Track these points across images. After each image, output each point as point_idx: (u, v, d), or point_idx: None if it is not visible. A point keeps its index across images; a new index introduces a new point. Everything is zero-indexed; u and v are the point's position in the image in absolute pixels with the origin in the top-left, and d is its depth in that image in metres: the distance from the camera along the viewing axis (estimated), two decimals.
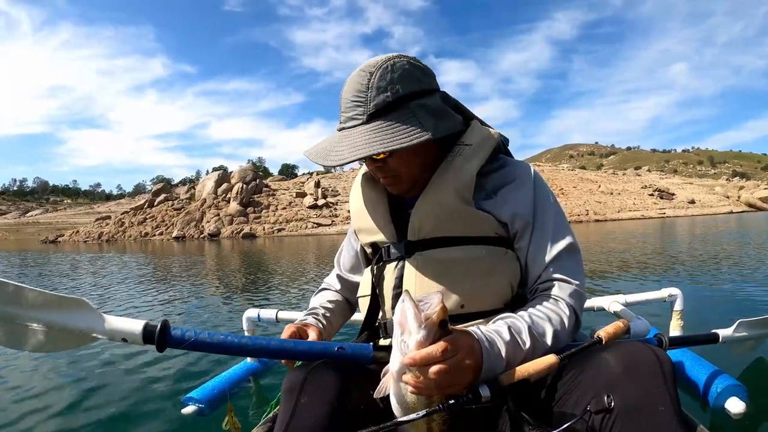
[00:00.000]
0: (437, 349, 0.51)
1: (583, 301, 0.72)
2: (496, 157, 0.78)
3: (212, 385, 1.36)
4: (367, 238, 0.83)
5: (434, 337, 0.53)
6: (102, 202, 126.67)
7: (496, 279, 0.71)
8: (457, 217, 0.71)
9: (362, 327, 0.85)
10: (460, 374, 0.54)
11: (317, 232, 26.99)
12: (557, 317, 0.66)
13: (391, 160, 0.71)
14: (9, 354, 2.21)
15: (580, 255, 0.74)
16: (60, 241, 31.16)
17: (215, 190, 33.60)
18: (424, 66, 0.72)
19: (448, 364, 0.52)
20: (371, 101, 0.67)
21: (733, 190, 49.13)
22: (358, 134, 0.67)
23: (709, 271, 4.35)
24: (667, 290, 1.50)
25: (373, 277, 0.80)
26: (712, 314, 2.61)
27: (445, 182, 0.72)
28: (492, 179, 0.75)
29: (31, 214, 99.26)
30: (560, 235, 0.72)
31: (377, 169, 0.74)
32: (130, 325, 0.67)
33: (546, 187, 0.77)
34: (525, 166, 0.78)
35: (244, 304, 3.62)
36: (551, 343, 0.64)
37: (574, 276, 0.71)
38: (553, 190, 9.97)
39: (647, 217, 32.66)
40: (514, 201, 0.73)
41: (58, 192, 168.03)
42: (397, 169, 0.72)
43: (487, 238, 0.72)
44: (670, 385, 0.52)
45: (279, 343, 0.72)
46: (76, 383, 1.78)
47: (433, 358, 0.51)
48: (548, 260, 0.71)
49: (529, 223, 0.73)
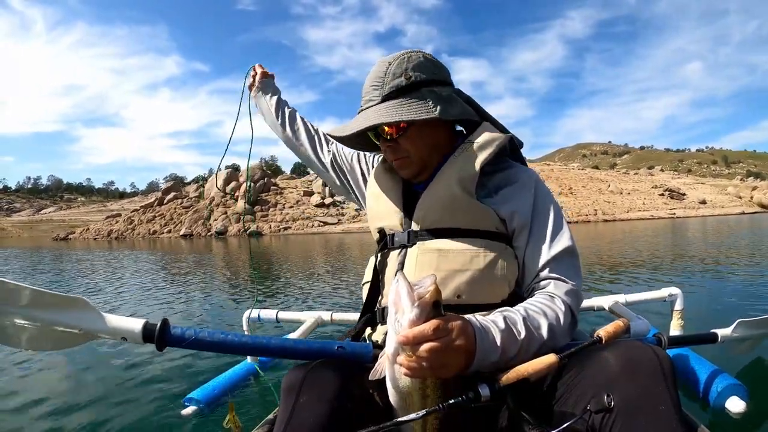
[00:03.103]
0: (429, 327, 0.52)
1: (579, 301, 0.72)
2: (502, 159, 0.81)
3: (212, 386, 1.36)
4: (376, 223, 0.86)
5: (427, 316, 0.53)
6: (115, 199, 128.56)
7: (494, 272, 0.72)
8: (459, 208, 0.73)
9: (362, 312, 0.85)
10: (452, 354, 0.54)
11: (323, 231, 27.09)
12: (552, 312, 0.66)
13: (403, 141, 0.77)
14: (9, 354, 2.24)
15: (578, 258, 0.75)
16: (71, 238, 31.75)
17: (224, 189, 33.91)
18: (438, 61, 0.79)
19: (440, 342, 0.52)
20: (387, 85, 0.75)
21: (745, 191, 48.20)
22: (372, 111, 0.75)
23: (710, 270, 4.31)
24: (668, 290, 1.51)
25: (376, 263, 0.82)
26: (713, 314, 2.59)
27: (450, 174, 0.75)
28: (495, 179, 0.78)
29: (45, 212, 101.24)
30: (559, 237, 0.74)
31: (389, 150, 0.79)
32: (129, 324, 0.67)
33: (547, 193, 0.79)
34: (528, 170, 0.81)
35: (245, 302, 3.64)
36: (546, 336, 0.64)
37: (571, 277, 0.71)
38: (562, 189, 9.88)
39: (657, 217, 32.19)
40: (514, 201, 0.75)
41: (71, 190, 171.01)
42: (407, 150, 0.77)
43: (487, 233, 0.74)
44: (670, 385, 0.52)
45: (279, 343, 0.73)
46: (76, 383, 1.79)
47: (424, 336, 0.51)
48: (546, 260, 0.72)
49: (527, 223, 0.74)
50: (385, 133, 0.77)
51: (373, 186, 0.89)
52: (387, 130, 0.76)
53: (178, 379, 1.77)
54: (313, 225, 29.92)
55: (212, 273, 6.31)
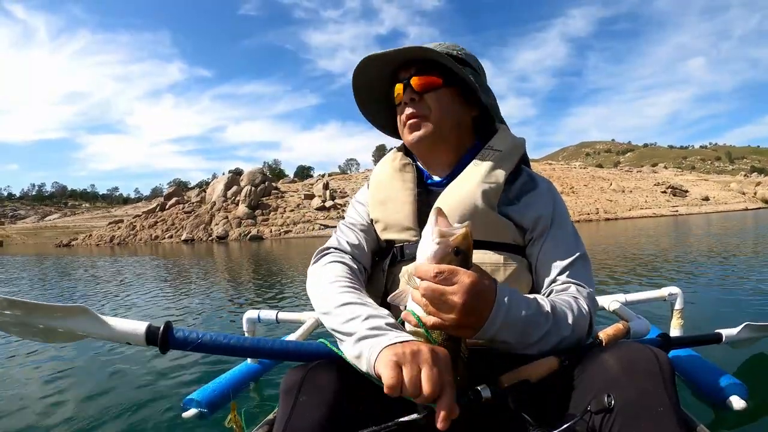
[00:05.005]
0: (432, 268, 0.52)
1: (596, 308, 0.73)
2: (519, 166, 0.80)
3: (213, 387, 1.36)
4: (384, 234, 0.79)
5: (443, 257, 0.53)
6: (119, 205, 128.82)
7: (511, 286, 0.70)
8: (480, 220, 0.71)
9: None
10: (444, 306, 0.53)
11: (324, 234, 27.06)
12: (578, 311, 0.66)
13: (429, 97, 0.74)
14: (9, 354, 2.25)
15: (591, 265, 0.76)
16: (74, 244, 31.86)
17: (225, 193, 33.97)
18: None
19: (437, 287, 0.52)
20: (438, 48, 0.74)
21: (749, 186, 47.90)
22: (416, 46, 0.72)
23: (711, 269, 4.28)
24: (668, 289, 1.51)
25: (384, 277, 0.77)
26: (712, 313, 2.58)
27: (473, 183, 0.73)
28: (515, 187, 0.77)
29: (50, 219, 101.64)
30: (575, 244, 0.75)
31: (410, 104, 0.75)
32: (133, 327, 0.68)
33: (563, 200, 0.80)
34: (546, 179, 0.81)
35: (245, 305, 3.63)
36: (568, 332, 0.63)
37: (587, 282, 0.72)
38: (564, 189, 9.87)
39: (659, 215, 32.03)
40: (538, 207, 0.75)
41: (76, 196, 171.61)
42: (431, 108, 0.74)
43: (505, 245, 0.73)
44: (669, 385, 0.52)
45: (282, 345, 0.73)
46: (77, 384, 1.79)
47: (425, 274, 0.52)
48: (564, 265, 0.72)
49: (547, 227, 0.74)
50: (416, 84, 0.73)
51: (377, 192, 0.81)
52: (418, 82, 0.73)
53: (178, 380, 1.77)
54: (313, 228, 29.91)
55: (213, 276, 6.31)
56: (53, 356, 2.17)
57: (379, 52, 0.73)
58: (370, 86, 0.81)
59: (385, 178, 0.82)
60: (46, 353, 2.22)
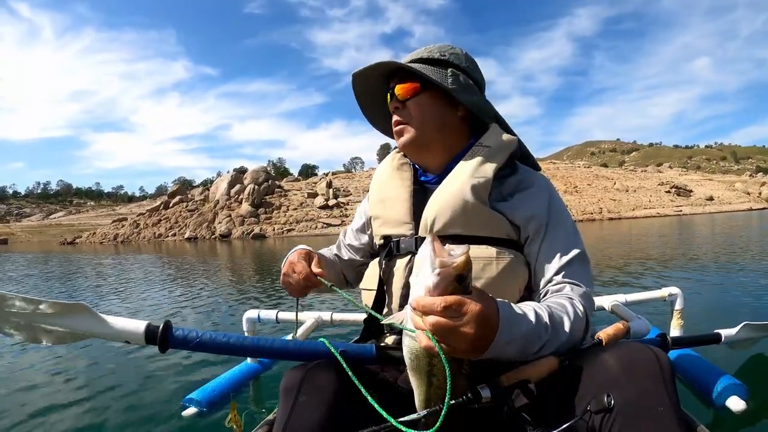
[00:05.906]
0: (440, 302, 0.48)
1: (593, 306, 0.72)
2: (513, 163, 0.80)
3: (212, 386, 1.37)
4: (382, 230, 0.83)
5: (446, 287, 0.49)
6: (124, 203, 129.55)
7: (506, 280, 0.71)
8: (471, 215, 0.72)
9: (365, 322, 0.85)
10: (456, 337, 0.50)
11: (327, 233, 27.11)
12: (574, 314, 0.65)
13: (411, 104, 0.77)
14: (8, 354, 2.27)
15: (590, 265, 0.75)
16: (77, 242, 32.07)
17: (228, 192, 34.07)
18: (477, 64, 0.83)
19: (446, 322, 0.48)
20: (420, 54, 0.79)
21: (754, 186, 47.51)
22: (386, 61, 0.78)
23: (711, 270, 4.26)
24: (668, 289, 1.51)
25: (380, 271, 0.80)
26: (712, 313, 2.58)
27: (462, 179, 0.74)
28: (508, 183, 0.77)
29: (54, 217, 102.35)
30: (573, 243, 0.74)
31: (395, 112, 0.80)
32: (132, 326, 0.68)
33: (560, 198, 0.79)
34: (541, 176, 0.81)
35: (245, 304, 3.64)
36: (565, 337, 0.62)
37: (585, 282, 0.71)
38: (567, 188, 9.80)
39: (663, 215, 31.85)
40: (530, 205, 0.75)
41: (81, 194, 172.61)
42: (412, 114, 0.78)
43: (498, 240, 0.73)
44: (669, 385, 0.52)
45: (282, 344, 0.73)
46: (77, 383, 1.80)
47: (432, 309, 0.48)
48: (561, 265, 0.72)
49: (542, 227, 0.74)
50: (398, 92, 0.77)
51: (378, 191, 0.86)
52: (399, 91, 0.77)
53: (178, 379, 1.77)
54: (316, 227, 29.97)
55: (214, 275, 6.34)
56: (52, 355, 2.18)
57: (360, 69, 0.81)
58: (370, 94, 0.86)
59: (384, 177, 0.87)
60: (45, 352, 2.24)
